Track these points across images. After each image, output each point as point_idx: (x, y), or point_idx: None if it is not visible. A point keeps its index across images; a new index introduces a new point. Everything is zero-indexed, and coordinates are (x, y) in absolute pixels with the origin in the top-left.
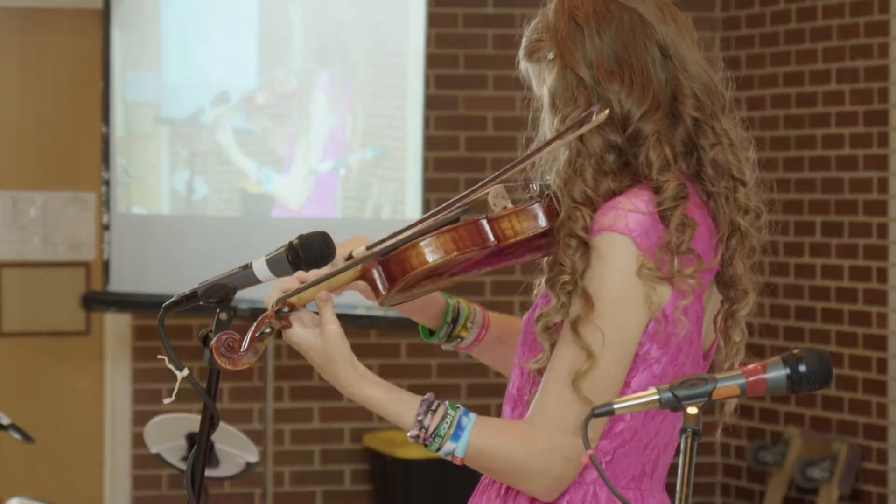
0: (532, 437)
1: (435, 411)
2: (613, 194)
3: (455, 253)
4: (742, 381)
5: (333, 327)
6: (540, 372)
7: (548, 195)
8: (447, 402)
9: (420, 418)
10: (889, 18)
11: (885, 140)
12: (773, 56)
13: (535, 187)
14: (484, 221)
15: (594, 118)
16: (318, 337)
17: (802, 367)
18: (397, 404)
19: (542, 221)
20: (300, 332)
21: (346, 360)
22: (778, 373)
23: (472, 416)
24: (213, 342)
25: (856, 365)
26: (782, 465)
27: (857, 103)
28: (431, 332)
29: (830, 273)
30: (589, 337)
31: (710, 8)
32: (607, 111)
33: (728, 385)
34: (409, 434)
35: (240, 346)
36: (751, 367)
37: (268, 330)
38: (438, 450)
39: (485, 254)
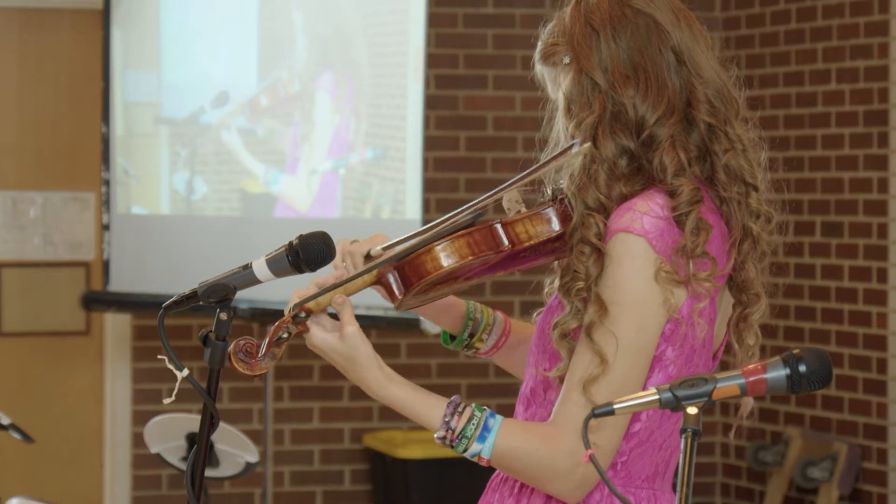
0: (556, 439)
1: (461, 413)
2: (625, 198)
3: (470, 257)
4: (742, 381)
5: (351, 328)
6: (561, 379)
7: (561, 199)
8: (474, 404)
9: (447, 420)
10: (889, 18)
11: (885, 140)
12: (773, 56)
13: (548, 191)
14: (498, 225)
15: (574, 150)
16: (338, 339)
17: (802, 367)
18: (424, 406)
19: (556, 225)
20: (321, 336)
21: (370, 361)
22: (778, 373)
23: (499, 417)
24: (230, 347)
25: (856, 365)
26: (782, 465)
27: (857, 103)
28: (452, 338)
29: (830, 273)
30: (602, 342)
31: (710, 8)
32: (588, 144)
33: (728, 385)
34: (435, 435)
35: (258, 352)
36: (751, 367)
37: (285, 335)
38: (465, 451)
39: (499, 257)
